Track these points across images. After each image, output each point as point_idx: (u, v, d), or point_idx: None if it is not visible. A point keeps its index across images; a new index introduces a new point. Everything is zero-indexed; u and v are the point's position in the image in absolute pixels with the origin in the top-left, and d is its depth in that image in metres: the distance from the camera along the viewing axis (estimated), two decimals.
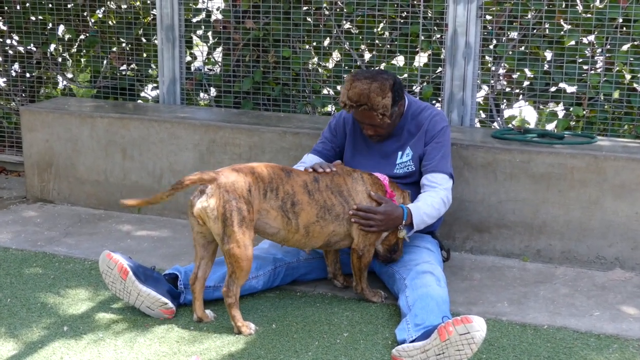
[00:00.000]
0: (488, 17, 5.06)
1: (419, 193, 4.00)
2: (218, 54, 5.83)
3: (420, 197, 3.95)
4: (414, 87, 5.30)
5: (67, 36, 6.20)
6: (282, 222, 3.64)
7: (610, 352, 3.45)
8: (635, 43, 4.85)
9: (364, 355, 3.39)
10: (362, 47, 5.47)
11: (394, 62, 5.40)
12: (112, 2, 6.03)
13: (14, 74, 6.37)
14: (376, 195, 3.81)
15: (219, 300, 3.86)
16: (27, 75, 6.36)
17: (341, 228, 3.77)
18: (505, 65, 5.14)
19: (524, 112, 5.37)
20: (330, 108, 5.66)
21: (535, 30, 4.99)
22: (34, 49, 6.25)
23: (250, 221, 3.51)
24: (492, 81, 5.17)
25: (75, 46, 6.20)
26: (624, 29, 4.83)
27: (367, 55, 5.48)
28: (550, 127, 5.21)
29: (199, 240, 3.62)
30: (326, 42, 5.54)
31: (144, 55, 6.01)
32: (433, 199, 3.91)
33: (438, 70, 5.24)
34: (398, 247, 3.91)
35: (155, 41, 5.82)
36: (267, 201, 3.59)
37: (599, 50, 4.96)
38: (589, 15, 4.87)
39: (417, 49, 5.29)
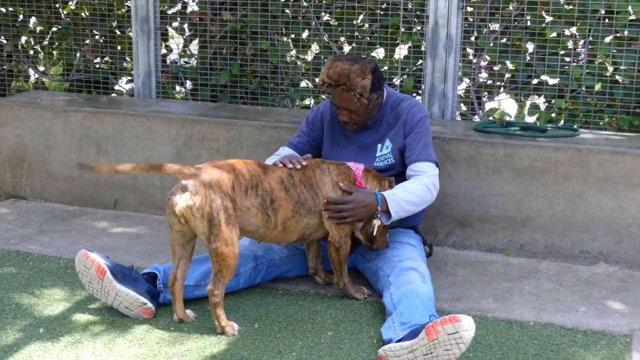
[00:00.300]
0: (469, 9, 5.00)
1: None
2: (194, 47, 5.73)
3: (399, 185, 3.87)
4: (395, 80, 5.23)
5: (38, 28, 6.07)
6: (262, 219, 3.58)
7: (598, 349, 3.41)
8: (618, 35, 4.81)
9: (349, 355, 3.32)
10: (342, 39, 5.39)
11: (374, 54, 5.33)
12: None
13: None
14: (345, 185, 3.75)
15: (199, 299, 3.78)
16: None
17: (313, 220, 3.72)
18: (487, 57, 5.09)
19: (505, 104, 5.32)
20: (309, 101, 5.58)
21: (517, 22, 4.94)
22: (5, 41, 6.11)
23: (235, 218, 3.44)
24: (473, 73, 5.11)
25: (47, 38, 6.08)
26: (607, 20, 4.78)
27: (347, 48, 5.40)
28: (531, 119, 5.16)
29: (177, 239, 3.53)
30: (305, 34, 5.46)
31: (119, 47, 5.89)
32: (414, 185, 3.82)
33: (419, 63, 5.18)
34: (375, 238, 3.83)
35: (130, 33, 5.71)
36: (248, 199, 3.53)
37: (581, 42, 4.92)
38: (571, 7, 4.82)
39: (397, 41, 5.22)
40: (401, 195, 3.77)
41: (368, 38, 5.27)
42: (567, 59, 4.92)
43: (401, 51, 5.25)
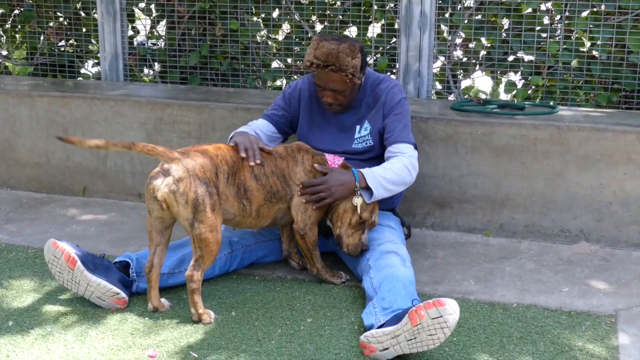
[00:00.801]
0: None
1: None
2: (162, 28, 5.59)
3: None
4: (368, 59, 5.12)
5: (0, 11, 5.88)
6: (239, 208, 3.51)
7: (583, 330, 3.34)
8: (595, 9, 4.74)
9: (330, 342, 3.23)
10: (313, 17, 5.28)
11: (346, 32, 5.21)
12: None
13: None
14: (320, 166, 3.67)
15: (173, 287, 3.68)
16: None
17: (284, 205, 3.65)
18: (462, 34, 4.99)
19: (480, 82, 5.23)
20: (280, 82, 5.46)
21: None
22: None
23: (219, 205, 3.37)
24: (448, 51, 5.02)
25: (10, 21, 5.90)
26: None
27: (319, 26, 5.29)
28: (506, 97, 5.09)
29: (156, 226, 3.42)
30: (275, 14, 5.33)
31: (84, 30, 5.73)
32: (392, 164, 3.72)
33: (393, 41, 5.08)
34: (342, 240, 3.68)
35: (95, 15, 5.55)
36: (227, 187, 3.46)
37: (558, 17, 4.84)
38: None
39: (370, 19, 5.11)
40: (379, 172, 3.67)
41: (340, 16, 5.16)
42: (544, 35, 4.84)
43: (374, 29, 5.15)
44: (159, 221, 3.41)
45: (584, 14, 4.75)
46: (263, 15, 5.34)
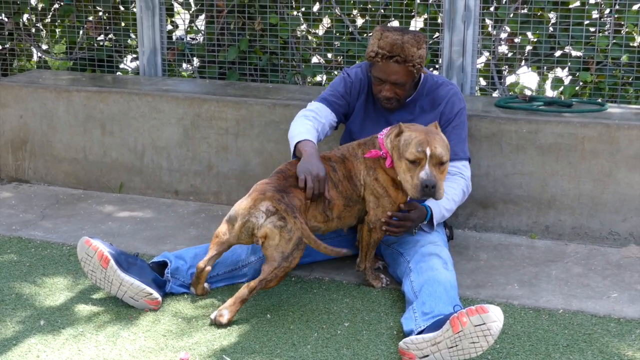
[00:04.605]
0: None
1: None
2: (201, 22, 5.51)
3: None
4: None
5: (40, 5, 5.85)
6: (323, 219, 3.50)
7: (633, 339, 3.20)
8: None
9: (367, 348, 3.12)
10: (354, 12, 5.16)
11: None
12: None
13: None
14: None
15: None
16: None
17: (362, 205, 3.58)
18: (507, 28, 4.85)
19: (526, 78, 5.08)
20: (320, 78, 5.36)
21: None
22: (6, 19, 5.90)
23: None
24: (493, 46, 4.88)
25: (49, 16, 5.86)
26: None
27: (360, 21, 5.17)
28: (552, 94, 4.93)
29: (219, 246, 3.43)
30: (316, 8, 5.24)
31: (122, 24, 5.67)
32: (454, 191, 3.70)
33: (435, 36, 4.95)
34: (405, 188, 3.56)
35: (134, 9, 5.49)
36: (317, 207, 3.47)
37: (607, 11, 4.68)
38: None
39: (412, 13, 4.98)
40: (443, 204, 3.67)
41: (382, 10, 5.04)
42: (592, 29, 4.68)
43: (417, 23, 5.03)
44: (226, 245, 3.44)
45: (635, 7, 4.58)
46: (303, 9, 5.24)
